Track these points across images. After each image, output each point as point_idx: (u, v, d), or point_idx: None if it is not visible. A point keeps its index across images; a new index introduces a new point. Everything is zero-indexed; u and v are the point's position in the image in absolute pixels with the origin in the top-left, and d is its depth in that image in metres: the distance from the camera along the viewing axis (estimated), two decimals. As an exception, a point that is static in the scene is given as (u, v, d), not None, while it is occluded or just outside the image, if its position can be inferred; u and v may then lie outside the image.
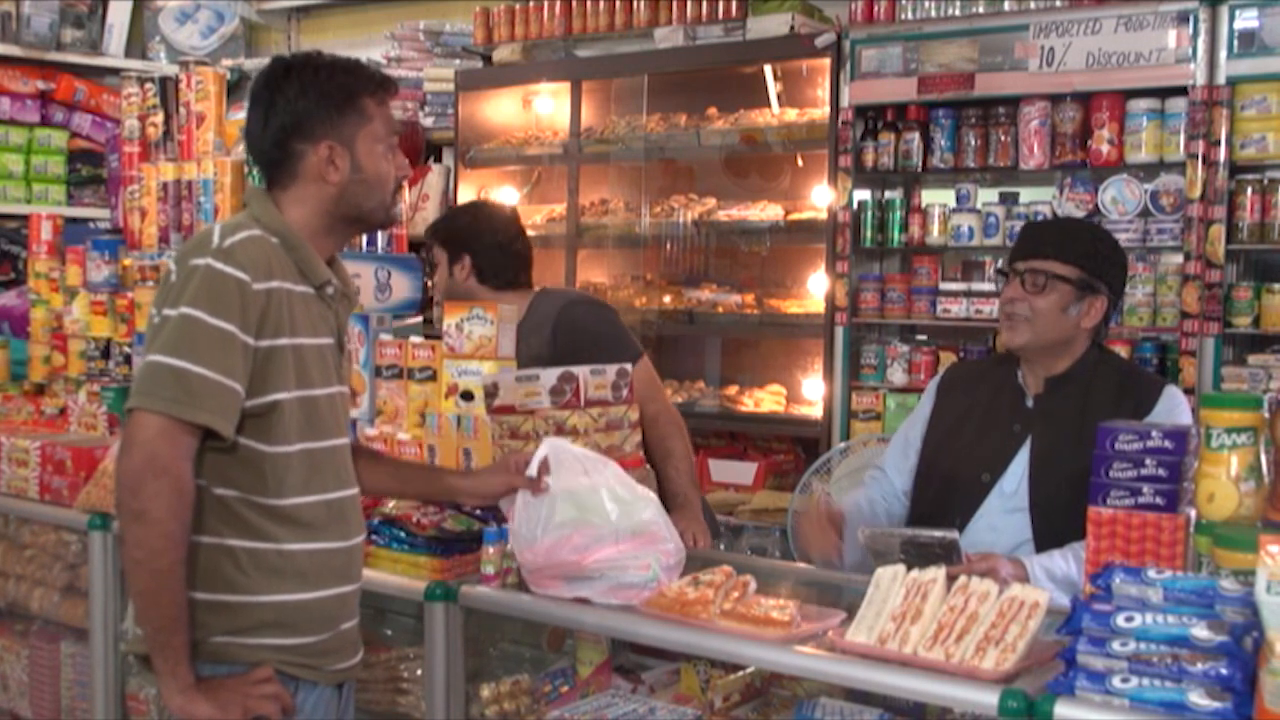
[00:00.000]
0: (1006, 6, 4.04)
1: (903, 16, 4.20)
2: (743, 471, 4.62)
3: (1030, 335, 2.69)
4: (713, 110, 4.87)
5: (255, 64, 6.27)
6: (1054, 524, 2.60)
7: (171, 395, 1.96)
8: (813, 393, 4.62)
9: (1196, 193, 3.68)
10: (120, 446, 2.01)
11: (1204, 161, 3.67)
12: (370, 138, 2.19)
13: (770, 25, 4.49)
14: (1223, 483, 1.97)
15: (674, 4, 4.76)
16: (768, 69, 4.79)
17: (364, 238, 3.68)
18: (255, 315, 2.04)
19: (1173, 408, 2.67)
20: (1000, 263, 2.79)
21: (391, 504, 2.72)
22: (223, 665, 2.08)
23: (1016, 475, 2.69)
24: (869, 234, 4.34)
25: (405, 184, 2.40)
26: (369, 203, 2.21)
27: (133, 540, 1.98)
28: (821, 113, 4.48)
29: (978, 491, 2.71)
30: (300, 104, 2.15)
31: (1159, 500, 2.05)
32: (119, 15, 6.51)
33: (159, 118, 4.17)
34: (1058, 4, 3.94)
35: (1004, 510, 2.68)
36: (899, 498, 2.90)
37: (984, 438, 2.76)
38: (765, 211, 4.69)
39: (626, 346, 3.24)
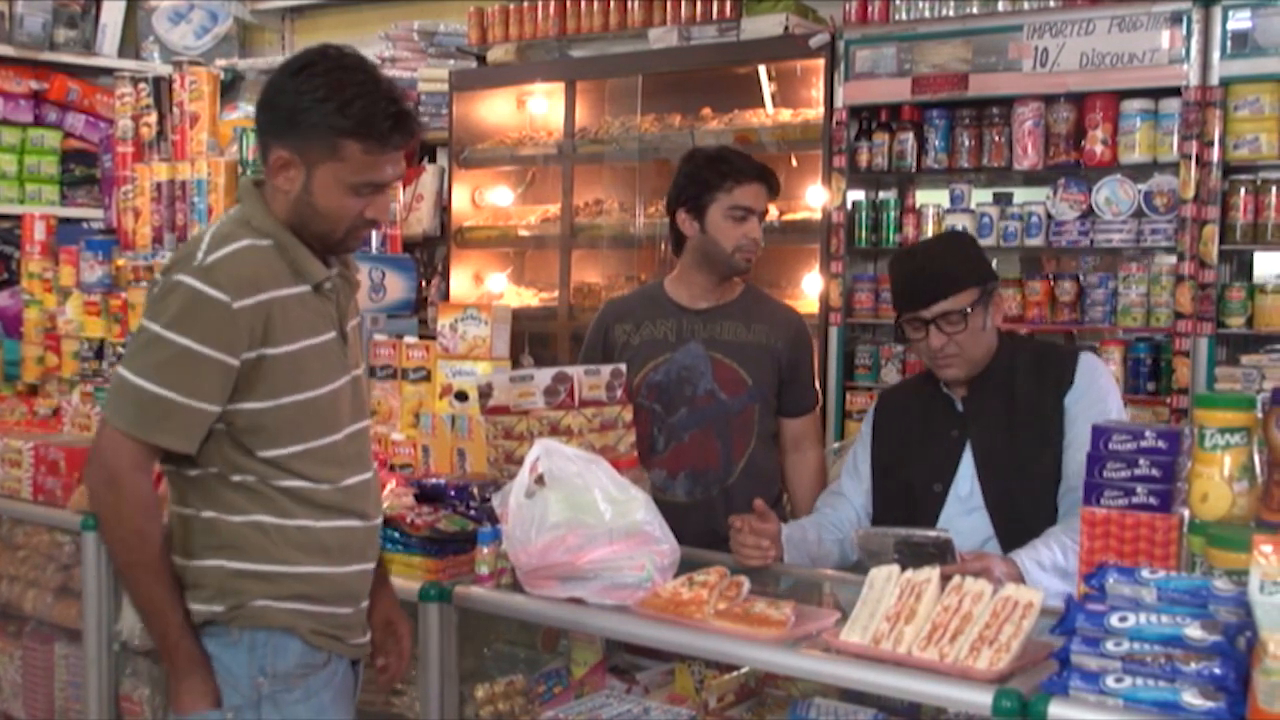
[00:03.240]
0: (1000, 7, 4.03)
1: (897, 17, 4.20)
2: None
3: (967, 366, 2.75)
4: (707, 110, 4.86)
5: (249, 64, 6.26)
6: (1011, 515, 2.66)
7: (133, 416, 2.05)
8: (807, 393, 4.62)
9: (1190, 193, 3.68)
10: (90, 455, 2.13)
11: (1197, 162, 3.67)
12: (333, 174, 2.10)
13: (764, 26, 4.49)
14: (1216, 483, 1.97)
15: (668, 4, 4.76)
16: (762, 69, 4.78)
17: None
18: (236, 334, 2.05)
19: (1093, 375, 2.72)
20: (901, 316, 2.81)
21: (385, 504, 2.72)
22: (261, 630, 2.14)
23: (967, 478, 2.74)
24: (863, 234, 4.34)
25: (374, 228, 2.31)
26: (315, 227, 2.16)
27: (104, 538, 2.20)
28: (816, 113, 4.48)
29: (934, 501, 2.76)
30: (287, 104, 2.10)
31: (1152, 500, 2.05)
32: (112, 15, 6.49)
33: (153, 118, 4.17)
34: (1051, 5, 3.94)
35: (963, 513, 2.72)
36: (860, 519, 2.90)
37: (927, 450, 2.80)
38: (759, 212, 4.69)
39: (814, 384, 3.39)
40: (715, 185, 3.14)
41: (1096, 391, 2.68)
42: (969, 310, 2.68)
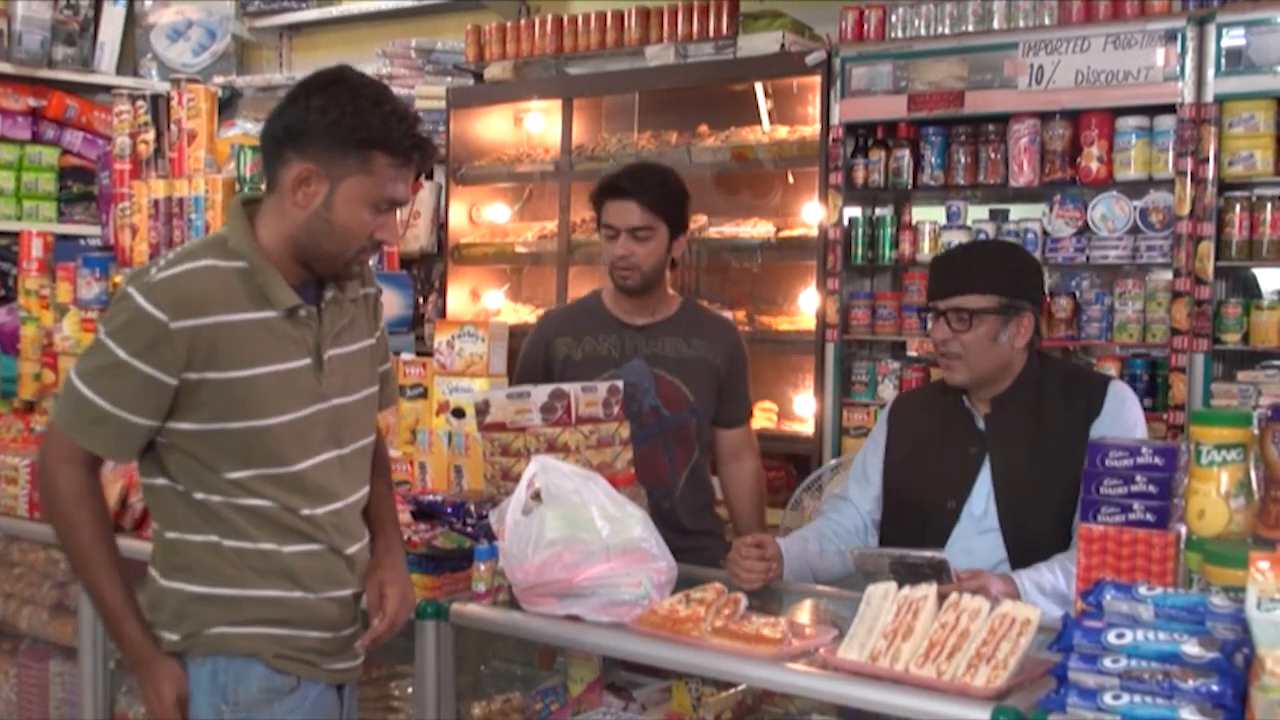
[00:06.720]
0: (996, 25, 4.05)
1: (893, 35, 4.22)
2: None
3: (968, 372, 2.70)
4: (704, 128, 4.87)
5: (247, 81, 6.28)
6: (1026, 539, 2.62)
7: (70, 416, 2.10)
8: (804, 409, 4.62)
9: (1185, 210, 3.69)
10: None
11: (1192, 179, 3.68)
12: (359, 188, 2.08)
13: (761, 43, 4.51)
14: (1213, 499, 1.97)
15: (665, 22, 4.77)
16: (758, 87, 4.80)
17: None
18: (172, 353, 2.04)
19: (1121, 404, 2.68)
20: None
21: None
22: (221, 656, 2.12)
23: (982, 496, 2.70)
24: (860, 251, 4.35)
25: (379, 251, 2.36)
26: (327, 245, 2.12)
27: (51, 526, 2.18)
28: (812, 130, 4.49)
29: (946, 518, 2.72)
30: (315, 117, 2.07)
31: (1149, 517, 2.05)
32: (110, 33, 6.50)
33: (150, 135, 4.18)
34: (1047, 22, 3.96)
35: (976, 533, 2.69)
36: (866, 526, 2.88)
37: (943, 464, 2.76)
38: (756, 228, 4.70)
39: (749, 395, 3.43)
40: (596, 205, 3.28)
41: (1124, 421, 2.64)
42: (977, 312, 2.64)
